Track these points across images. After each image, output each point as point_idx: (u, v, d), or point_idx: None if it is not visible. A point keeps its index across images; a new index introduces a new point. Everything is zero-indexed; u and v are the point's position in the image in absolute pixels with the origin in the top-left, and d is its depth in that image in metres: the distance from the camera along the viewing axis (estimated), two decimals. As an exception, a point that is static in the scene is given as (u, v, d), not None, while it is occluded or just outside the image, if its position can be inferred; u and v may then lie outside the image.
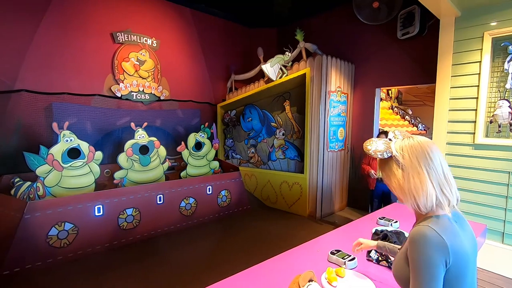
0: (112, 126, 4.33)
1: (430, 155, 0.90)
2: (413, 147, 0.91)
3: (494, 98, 2.87)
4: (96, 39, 4.19)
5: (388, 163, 0.97)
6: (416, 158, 0.90)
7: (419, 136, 0.96)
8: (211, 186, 4.33)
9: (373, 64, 4.61)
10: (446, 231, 0.85)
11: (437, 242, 0.83)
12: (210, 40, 5.54)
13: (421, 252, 0.84)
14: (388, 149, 0.95)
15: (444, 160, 0.92)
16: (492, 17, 2.83)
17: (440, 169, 0.90)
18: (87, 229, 3.16)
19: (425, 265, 0.83)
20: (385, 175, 0.99)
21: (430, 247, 0.83)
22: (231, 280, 1.35)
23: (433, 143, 0.94)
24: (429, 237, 0.83)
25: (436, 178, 0.89)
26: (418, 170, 0.89)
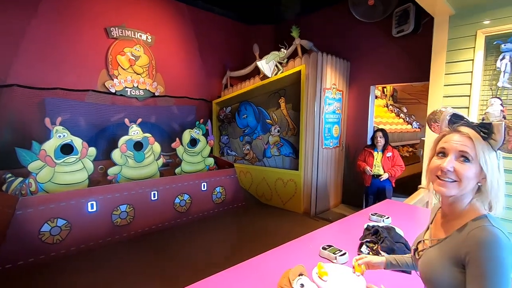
0: (106, 122, 4.29)
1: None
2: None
3: (486, 96, 2.90)
4: (89, 34, 4.14)
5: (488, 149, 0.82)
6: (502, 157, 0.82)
7: None
8: (206, 183, 4.32)
9: (368, 61, 4.62)
10: (506, 231, 0.78)
11: (508, 244, 0.75)
12: (206, 36, 5.51)
13: (495, 256, 0.74)
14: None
15: None
16: (485, 15, 2.85)
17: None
18: (80, 225, 3.15)
19: (501, 271, 0.74)
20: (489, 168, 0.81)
21: (503, 249, 0.74)
22: (222, 275, 1.35)
23: None
24: (501, 238, 0.75)
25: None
26: (502, 171, 0.83)
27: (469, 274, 0.77)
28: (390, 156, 3.63)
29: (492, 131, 0.80)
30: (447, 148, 0.86)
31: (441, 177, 0.86)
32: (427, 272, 0.88)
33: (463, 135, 0.84)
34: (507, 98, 2.79)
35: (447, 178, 0.85)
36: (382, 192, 3.73)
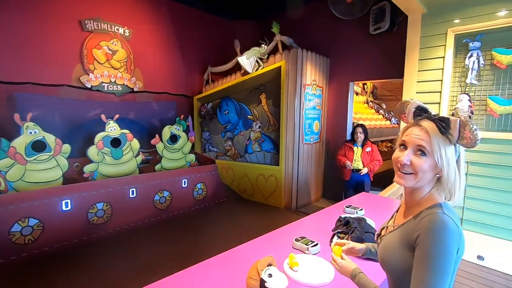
0: (82, 118, 4.15)
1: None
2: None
3: (455, 92, 3.03)
4: (63, 27, 3.97)
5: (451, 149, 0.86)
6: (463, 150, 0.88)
7: None
8: (187, 179, 4.29)
9: (348, 58, 4.70)
10: (457, 218, 0.83)
11: (454, 230, 0.79)
12: (186, 31, 5.42)
13: (439, 240, 0.78)
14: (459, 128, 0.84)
15: None
16: (455, 14, 2.97)
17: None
18: (53, 224, 3.05)
19: (443, 255, 0.78)
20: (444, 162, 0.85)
21: (448, 235, 0.78)
22: (194, 269, 1.35)
23: None
24: (448, 225, 0.79)
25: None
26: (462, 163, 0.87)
27: (415, 256, 0.81)
28: (370, 151, 3.73)
29: (449, 126, 0.84)
30: (407, 141, 0.90)
31: (400, 170, 0.90)
32: (384, 256, 0.93)
33: (422, 129, 0.87)
34: (475, 94, 2.93)
35: (404, 170, 0.89)
36: (361, 186, 3.83)
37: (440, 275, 0.77)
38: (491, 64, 2.81)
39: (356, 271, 1.00)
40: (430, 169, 0.86)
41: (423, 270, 0.79)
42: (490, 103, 2.81)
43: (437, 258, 0.78)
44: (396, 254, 0.88)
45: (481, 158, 2.87)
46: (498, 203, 2.81)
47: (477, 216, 2.92)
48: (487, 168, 2.85)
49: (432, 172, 0.87)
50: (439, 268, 0.78)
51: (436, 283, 0.77)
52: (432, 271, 0.78)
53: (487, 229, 2.88)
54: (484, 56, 2.84)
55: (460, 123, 0.83)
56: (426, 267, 0.79)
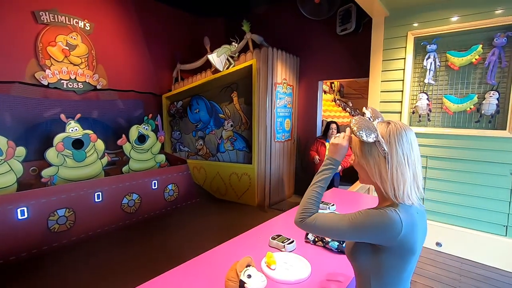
0: (38, 118, 3.83)
1: (413, 146, 0.87)
2: (399, 137, 0.86)
3: (415, 91, 3.23)
4: (13, 18, 3.62)
5: (369, 146, 0.89)
6: (402, 150, 0.86)
7: (398, 122, 0.91)
8: (157, 181, 4.14)
9: (316, 57, 4.83)
10: (408, 220, 0.84)
11: (394, 227, 0.82)
12: (154, 26, 5.21)
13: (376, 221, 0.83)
14: (375, 132, 0.87)
15: (418, 150, 0.90)
16: (415, 18, 3.16)
17: (416, 159, 0.88)
18: (7, 235, 2.78)
19: (366, 225, 0.84)
20: (364, 159, 0.91)
21: (385, 225, 0.82)
22: (170, 274, 1.31)
23: (411, 129, 0.90)
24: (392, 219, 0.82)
25: (413, 168, 0.87)
26: (402, 162, 0.85)
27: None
28: None
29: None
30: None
31: None
32: (346, 248, 1.03)
33: None
34: (432, 93, 3.15)
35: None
36: (332, 180, 3.98)
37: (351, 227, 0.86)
38: (446, 66, 3.04)
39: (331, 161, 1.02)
40: (359, 166, 0.95)
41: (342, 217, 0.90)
42: (445, 102, 3.04)
43: (363, 220, 0.85)
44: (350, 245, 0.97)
45: (437, 153, 3.11)
46: (453, 193, 3.06)
47: (435, 206, 3.16)
48: (443, 162, 3.09)
49: (363, 169, 0.94)
50: (355, 223, 0.86)
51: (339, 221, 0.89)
52: (349, 220, 0.87)
53: (444, 218, 3.12)
54: (439, 58, 3.06)
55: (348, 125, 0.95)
56: (349, 216, 0.89)
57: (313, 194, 1.00)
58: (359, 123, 0.88)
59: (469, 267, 2.83)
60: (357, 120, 0.90)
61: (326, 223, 0.93)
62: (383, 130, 0.89)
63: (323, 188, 1.01)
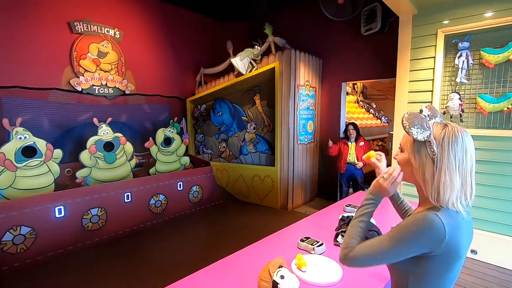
0: (73, 122, 4.06)
1: (467, 153, 0.82)
2: (455, 142, 0.81)
3: (446, 91, 3.11)
4: (51, 29, 3.87)
5: (419, 145, 0.86)
6: (454, 156, 0.81)
7: (457, 126, 0.85)
8: (182, 182, 4.24)
9: (339, 59, 4.76)
10: (451, 224, 0.80)
11: (437, 232, 0.78)
12: (178, 32, 5.38)
13: (415, 227, 0.80)
14: (428, 131, 0.84)
15: (474, 156, 0.84)
16: (445, 15, 3.05)
17: (469, 167, 0.82)
18: (47, 232, 2.96)
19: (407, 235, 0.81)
20: (413, 157, 0.88)
21: (427, 231, 0.79)
22: (202, 273, 1.34)
23: (470, 136, 0.84)
24: (434, 223, 0.79)
25: (463, 176, 0.82)
26: (453, 167, 0.81)
27: None
28: (363, 145, 4.05)
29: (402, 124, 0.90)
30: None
31: None
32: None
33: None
34: (465, 93, 3.01)
35: None
36: (355, 178, 4.14)
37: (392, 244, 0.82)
38: (480, 64, 2.90)
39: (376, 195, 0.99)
40: (406, 162, 0.91)
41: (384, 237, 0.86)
42: (479, 101, 2.90)
43: (400, 232, 0.82)
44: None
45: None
46: (489, 198, 2.89)
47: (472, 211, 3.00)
48: (479, 165, 2.94)
49: (408, 166, 0.90)
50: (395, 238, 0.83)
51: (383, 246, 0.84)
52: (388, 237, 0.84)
53: (480, 224, 2.96)
54: (473, 55, 2.93)
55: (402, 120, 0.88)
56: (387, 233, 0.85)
57: (355, 229, 0.96)
58: (412, 119, 0.85)
59: (508, 276, 2.66)
60: (410, 115, 0.86)
61: (366, 251, 0.88)
62: (437, 131, 0.84)
63: (366, 223, 0.97)
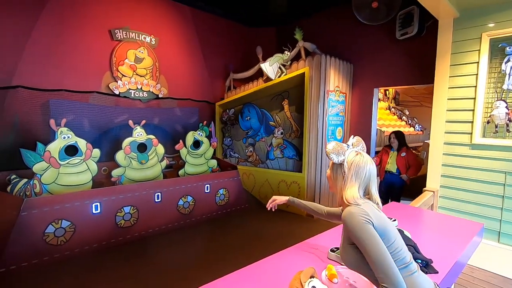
0: (110, 124, 4.30)
1: (366, 173, 1.15)
2: (358, 167, 1.15)
3: (491, 99, 2.90)
4: (94, 36, 4.16)
5: (335, 166, 1.22)
6: (356, 175, 1.15)
7: (365, 155, 1.19)
8: (209, 185, 4.32)
9: (372, 64, 4.62)
10: (363, 206, 1.10)
11: (358, 210, 1.07)
12: (209, 38, 5.53)
13: (351, 223, 1.05)
14: (342, 157, 1.19)
15: (373, 174, 1.17)
16: (490, 18, 2.86)
17: (368, 181, 1.17)
18: (84, 227, 3.14)
19: (359, 229, 1.04)
20: (333, 174, 1.23)
21: (354, 215, 1.06)
22: (232, 278, 1.34)
23: (369, 162, 1.17)
24: (351, 210, 1.08)
25: (362, 185, 1.16)
26: (353, 181, 1.15)
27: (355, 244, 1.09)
28: (405, 156, 3.96)
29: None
30: None
31: None
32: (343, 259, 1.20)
33: None
34: (513, 100, 2.79)
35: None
36: (392, 187, 4.05)
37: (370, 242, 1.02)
38: (530, 70, 2.68)
39: (291, 198, 1.83)
40: (328, 177, 1.29)
41: (362, 249, 1.05)
42: (530, 110, 2.67)
43: (359, 234, 1.04)
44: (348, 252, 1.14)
45: (521, 168, 2.72)
46: (540, 216, 2.64)
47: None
48: (527, 179, 2.70)
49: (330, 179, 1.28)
50: (365, 239, 1.03)
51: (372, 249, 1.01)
52: (365, 245, 1.03)
53: (528, 244, 2.71)
54: (522, 61, 2.72)
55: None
56: (361, 245, 1.05)
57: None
58: (334, 148, 1.19)
59: None
60: (334, 146, 1.20)
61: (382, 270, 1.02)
62: (350, 158, 1.18)
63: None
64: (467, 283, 2.67)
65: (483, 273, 2.83)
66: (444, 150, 3.21)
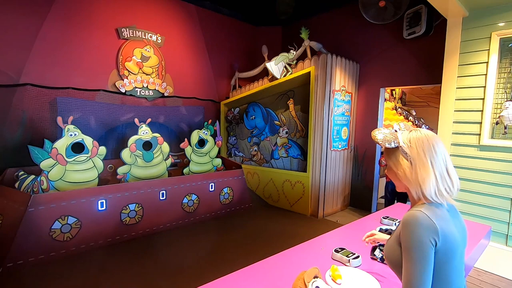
0: (116, 122, 4.34)
1: (435, 147, 0.95)
2: (420, 140, 0.96)
3: (500, 99, 2.85)
4: (101, 34, 4.19)
5: (394, 152, 1.02)
6: (422, 150, 0.95)
7: (423, 129, 1.00)
8: (214, 183, 4.33)
9: (378, 63, 4.58)
10: (437, 216, 0.91)
11: (427, 223, 0.88)
12: (214, 37, 5.54)
13: (412, 232, 0.89)
14: (396, 139, 0.99)
15: (446, 153, 0.97)
16: (500, 17, 2.81)
17: (443, 161, 0.95)
18: (90, 223, 3.17)
19: (416, 244, 0.88)
20: (392, 164, 1.03)
21: (419, 227, 0.88)
22: (235, 276, 1.34)
23: (437, 136, 0.98)
24: (419, 218, 0.89)
25: (439, 169, 0.94)
26: (424, 161, 0.94)
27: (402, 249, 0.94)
28: None
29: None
30: None
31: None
32: (386, 253, 1.06)
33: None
34: (523, 101, 2.74)
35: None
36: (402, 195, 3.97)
37: (418, 264, 0.88)
38: (542, 70, 2.62)
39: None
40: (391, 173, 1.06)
41: (405, 261, 0.91)
42: (540, 111, 2.62)
43: (412, 249, 0.89)
44: (393, 251, 1.01)
45: (530, 170, 2.67)
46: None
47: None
48: (537, 181, 2.65)
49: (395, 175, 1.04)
50: (415, 258, 0.88)
51: (415, 271, 0.88)
52: (411, 261, 0.89)
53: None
54: (533, 61, 2.66)
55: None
56: (406, 258, 0.91)
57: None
58: (380, 133, 1.02)
59: None
60: (377, 130, 1.04)
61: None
62: (404, 137, 0.99)
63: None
64: (474, 287, 2.64)
65: (490, 277, 2.79)
66: (451, 151, 3.17)
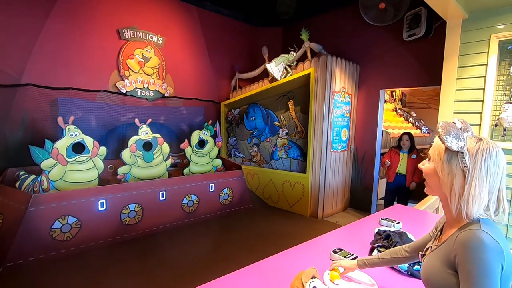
0: (117, 122, 4.35)
1: (499, 168, 0.81)
2: (489, 156, 0.81)
3: (499, 102, 2.86)
4: (102, 35, 4.21)
5: (450, 154, 0.84)
6: (487, 170, 0.80)
7: (491, 141, 0.84)
8: (214, 184, 4.34)
9: (378, 65, 4.60)
10: (498, 234, 0.79)
11: (494, 247, 0.76)
12: (215, 38, 5.56)
13: (480, 259, 0.76)
14: (462, 143, 0.82)
15: (505, 172, 0.84)
16: (500, 19, 2.82)
17: (499, 182, 0.82)
18: (90, 223, 3.19)
19: (485, 273, 0.75)
20: (440, 165, 0.87)
21: (488, 252, 0.76)
22: (234, 276, 1.35)
23: (503, 152, 0.84)
24: (485, 241, 0.77)
25: (493, 190, 0.81)
26: (483, 181, 0.80)
27: (459, 275, 0.80)
28: (415, 158, 3.84)
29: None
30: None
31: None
32: (426, 274, 0.92)
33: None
34: (521, 103, 2.75)
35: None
36: (402, 190, 3.93)
37: None
38: (540, 72, 2.63)
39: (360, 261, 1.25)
40: (432, 173, 0.89)
41: None
42: (539, 114, 2.63)
43: (479, 278, 0.76)
44: (438, 274, 0.86)
45: (529, 172, 2.68)
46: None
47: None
48: (535, 183, 2.65)
49: (435, 177, 0.88)
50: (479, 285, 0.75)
51: None
52: None
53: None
54: (532, 63, 2.67)
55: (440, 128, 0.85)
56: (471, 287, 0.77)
57: None
58: (447, 128, 0.83)
59: None
60: (446, 124, 0.84)
61: None
62: (471, 144, 0.83)
63: None
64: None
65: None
66: (450, 153, 3.17)
